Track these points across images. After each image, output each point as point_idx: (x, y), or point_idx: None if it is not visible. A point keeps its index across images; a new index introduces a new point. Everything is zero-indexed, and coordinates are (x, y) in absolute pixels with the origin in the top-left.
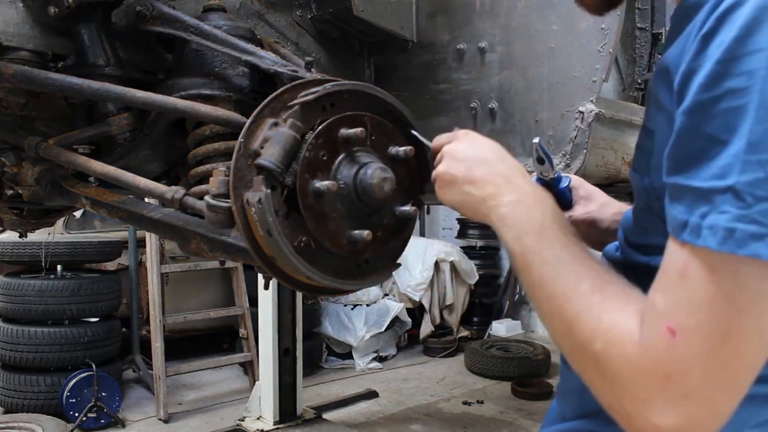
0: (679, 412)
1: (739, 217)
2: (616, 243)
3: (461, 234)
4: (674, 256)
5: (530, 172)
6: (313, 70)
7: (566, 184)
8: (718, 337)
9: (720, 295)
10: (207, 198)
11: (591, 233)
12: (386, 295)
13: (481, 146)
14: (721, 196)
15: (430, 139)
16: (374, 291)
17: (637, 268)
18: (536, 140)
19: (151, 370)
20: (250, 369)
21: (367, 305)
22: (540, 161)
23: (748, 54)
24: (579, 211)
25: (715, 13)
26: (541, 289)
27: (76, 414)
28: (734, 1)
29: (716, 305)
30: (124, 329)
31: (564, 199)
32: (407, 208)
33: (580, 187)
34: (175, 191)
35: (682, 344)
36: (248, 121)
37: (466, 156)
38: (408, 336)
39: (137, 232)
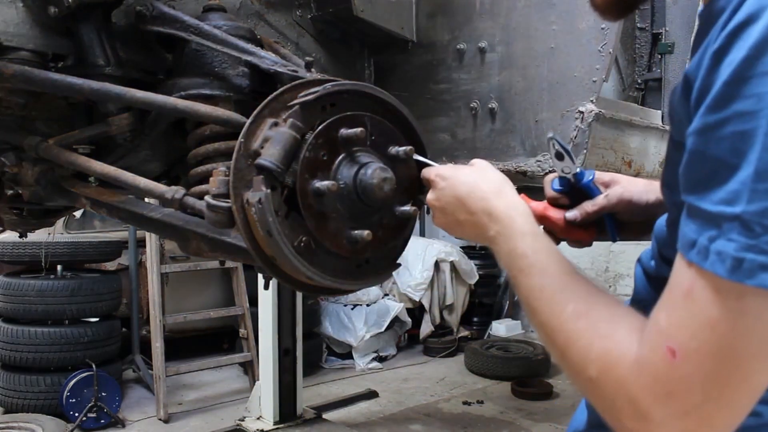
0: (679, 428)
1: (747, 246)
2: (650, 249)
3: None
4: (681, 275)
5: (550, 171)
6: (313, 70)
7: (590, 177)
8: (719, 360)
9: (723, 318)
10: (207, 198)
11: (633, 212)
12: (386, 295)
13: (463, 181)
14: (729, 223)
15: (430, 139)
16: (374, 291)
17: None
18: (551, 135)
19: (151, 370)
20: (250, 369)
21: (367, 305)
22: (559, 157)
23: (758, 76)
24: (612, 195)
25: (727, 28)
26: (533, 317)
27: (76, 414)
28: (747, 17)
29: (719, 328)
30: (124, 329)
31: (590, 193)
32: (407, 208)
33: (600, 175)
34: (175, 191)
35: (683, 365)
36: (248, 121)
37: (448, 192)
38: (408, 336)
39: (137, 232)
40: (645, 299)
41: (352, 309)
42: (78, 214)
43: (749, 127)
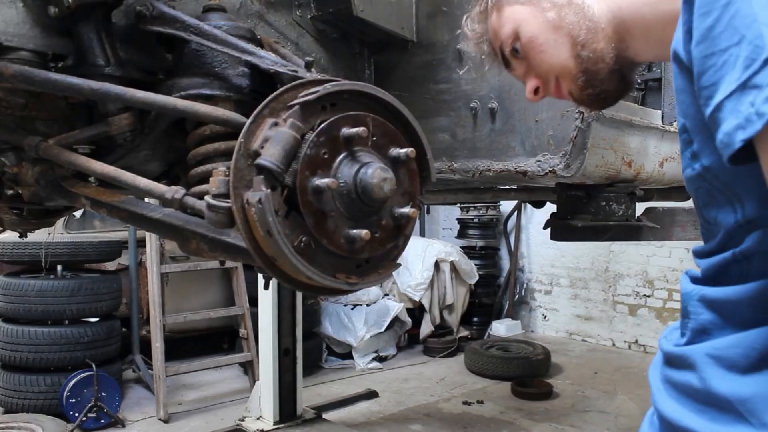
0: None
1: None
2: None
3: (461, 234)
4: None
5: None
6: (313, 70)
7: None
8: None
9: None
10: (207, 198)
11: None
12: (386, 295)
13: None
14: (762, 73)
15: (430, 139)
16: (374, 291)
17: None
18: None
19: (151, 370)
20: (250, 369)
21: (367, 305)
22: None
23: None
24: None
25: None
26: None
27: (76, 414)
28: None
29: None
30: (124, 329)
31: None
32: (406, 209)
33: None
34: (175, 191)
35: None
36: (248, 121)
37: None
38: (408, 336)
39: (137, 232)
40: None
41: (352, 309)
42: (78, 214)
43: (736, 7)
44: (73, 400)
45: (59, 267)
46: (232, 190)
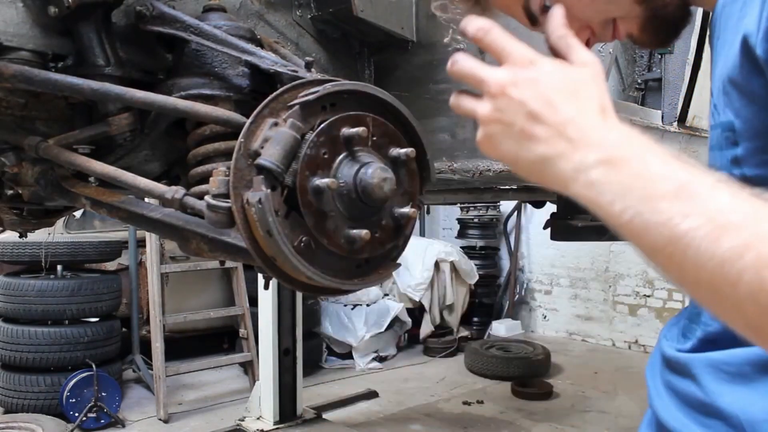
0: None
1: None
2: None
3: (461, 234)
4: None
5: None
6: (313, 70)
7: None
8: None
9: None
10: (207, 198)
11: None
12: (386, 295)
13: (549, 78)
14: None
15: (430, 139)
16: (374, 291)
17: None
18: None
19: (151, 370)
20: (250, 369)
21: (367, 305)
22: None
23: None
24: None
25: None
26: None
27: (76, 414)
28: None
29: None
30: (124, 329)
31: None
32: (406, 210)
33: None
34: (175, 191)
35: None
36: (248, 121)
37: (527, 93)
38: (408, 336)
39: (137, 232)
40: None
41: (352, 309)
42: (78, 214)
43: None
44: (73, 400)
45: (59, 267)
46: (232, 190)
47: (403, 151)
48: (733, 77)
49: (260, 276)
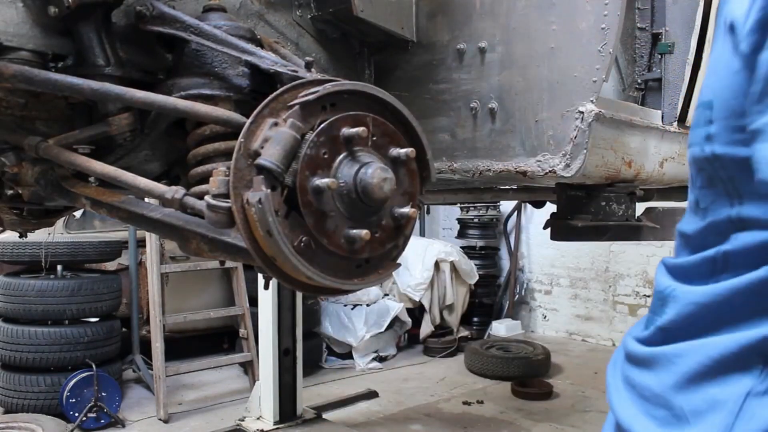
0: None
1: None
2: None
3: (461, 234)
4: None
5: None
6: (313, 70)
7: None
8: None
9: None
10: (207, 198)
11: None
12: (386, 295)
13: None
14: None
15: (429, 139)
16: (374, 291)
17: None
18: None
19: (151, 370)
20: (250, 369)
21: (367, 305)
22: None
23: None
24: None
25: None
26: None
27: (76, 414)
28: None
29: None
30: (124, 329)
31: None
32: (406, 210)
33: None
34: (175, 191)
35: None
36: (248, 121)
37: None
38: (408, 336)
39: (137, 232)
40: None
41: (352, 309)
42: (78, 214)
43: None
44: (73, 400)
45: (59, 267)
46: (232, 190)
47: (403, 151)
48: (718, 56)
49: (260, 276)
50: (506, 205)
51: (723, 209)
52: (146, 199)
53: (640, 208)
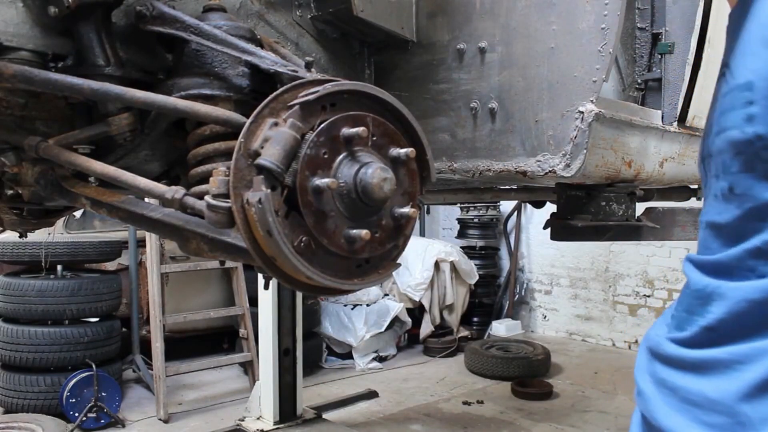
0: None
1: None
2: None
3: (461, 234)
4: None
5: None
6: (313, 70)
7: None
8: None
9: None
10: (207, 198)
11: None
12: (386, 295)
13: None
14: None
15: (429, 139)
16: (374, 291)
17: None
18: None
19: (151, 370)
20: (250, 369)
21: (367, 305)
22: None
23: None
24: None
25: None
26: None
27: (76, 414)
28: None
29: None
30: (124, 329)
31: None
32: (406, 209)
33: None
34: (175, 191)
35: None
36: (248, 121)
37: None
38: (408, 336)
39: (137, 232)
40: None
41: (352, 309)
42: (78, 214)
43: None
44: (73, 400)
45: (59, 267)
46: (232, 190)
47: (403, 151)
48: (756, 36)
49: (260, 276)
50: (506, 205)
51: (764, 193)
52: (146, 199)
53: (640, 208)
